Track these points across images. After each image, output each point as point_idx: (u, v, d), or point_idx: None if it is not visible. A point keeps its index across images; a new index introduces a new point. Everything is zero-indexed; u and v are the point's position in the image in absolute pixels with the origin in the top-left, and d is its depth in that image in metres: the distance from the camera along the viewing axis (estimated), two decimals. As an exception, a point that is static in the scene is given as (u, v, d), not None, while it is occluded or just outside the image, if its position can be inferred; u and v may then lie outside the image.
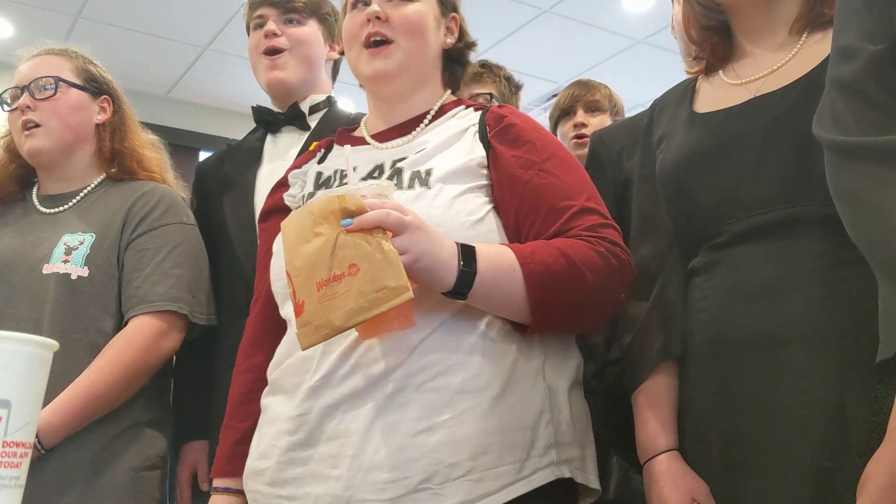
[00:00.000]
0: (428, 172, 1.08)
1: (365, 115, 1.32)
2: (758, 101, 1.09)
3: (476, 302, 0.98)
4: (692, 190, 1.11)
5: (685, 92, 1.23)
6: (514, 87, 2.08)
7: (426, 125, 1.18)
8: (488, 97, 1.94)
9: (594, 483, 1.04)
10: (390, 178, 1.09)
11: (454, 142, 1.13)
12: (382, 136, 1.21)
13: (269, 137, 1.70)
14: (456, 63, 1.26)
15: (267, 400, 1.10)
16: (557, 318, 1.02)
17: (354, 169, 1.15)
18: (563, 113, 2.21)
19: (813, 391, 0.96)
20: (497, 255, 0.98)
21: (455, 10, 1.25)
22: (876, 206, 0.80)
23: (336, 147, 1.28)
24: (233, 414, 1.20)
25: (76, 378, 1.34)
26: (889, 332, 0.79)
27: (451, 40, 1.23)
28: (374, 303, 0.86)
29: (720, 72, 1.19)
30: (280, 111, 1.69)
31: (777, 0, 1.12)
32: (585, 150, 1.90)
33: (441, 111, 1.21)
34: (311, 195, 1.18)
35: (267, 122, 1.70)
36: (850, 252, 0.93)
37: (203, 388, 1.58)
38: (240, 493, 1.14)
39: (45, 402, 1.30)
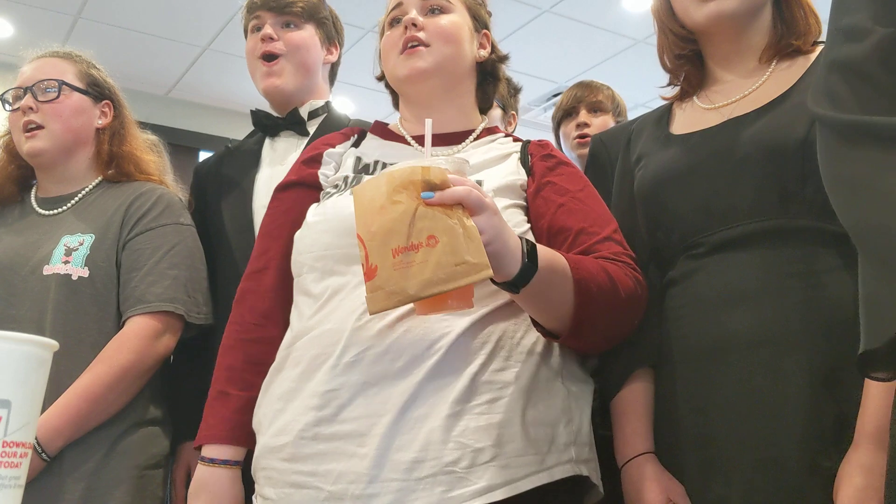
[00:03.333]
0: (479, 183, 1.10)
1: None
2: (732, 123, 1.14)
3: (526, 298, 0.98)
4: (670, 204, 1.15)
5: (661, 115, 1.28)
6: (513, 90, 2.08)
7: (471, 141, 1.23)
8: None
9: (601, 485, 1.07)
10: None
11: (499, 162, 1.18)
12: (424, 141, 1.22)
13: (267, 141, 1.70)
14: (489, 77, 1.30)
15: (281, 374, 1.08)
16: (593, 328, 1.04)
17: (391, 165, 1.17)
18: (565, 114, 2.22)
19: (786, 393, 0.99)
20: (553, 257, 1.00)
21: (486, 27, 1.30)
22: (883, 190, 0.77)
23: (370, 136, 1.29)
24: (233, 381, 1.15)
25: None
26: (875, 320, 0.78)
27: (484, 53, 1.27)
28: (452, 276, 0.85)
29: (694, 97, 1.24)
30: (279, 115, 1.68)
31: (746, 30, 1.17)
32: (587, 150, 1.91)
33: (483, 133, 1.25)
34: (355, 179, 1.17)
35: (265, 126, 1.69)
36: (822, 261, 0.98)
37: (198, 388, 1.58)
38: (238, 464, 1.12)
39: (49, 402, 1.31)
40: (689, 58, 1.23)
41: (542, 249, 0.98)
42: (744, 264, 1.06)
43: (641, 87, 4.61)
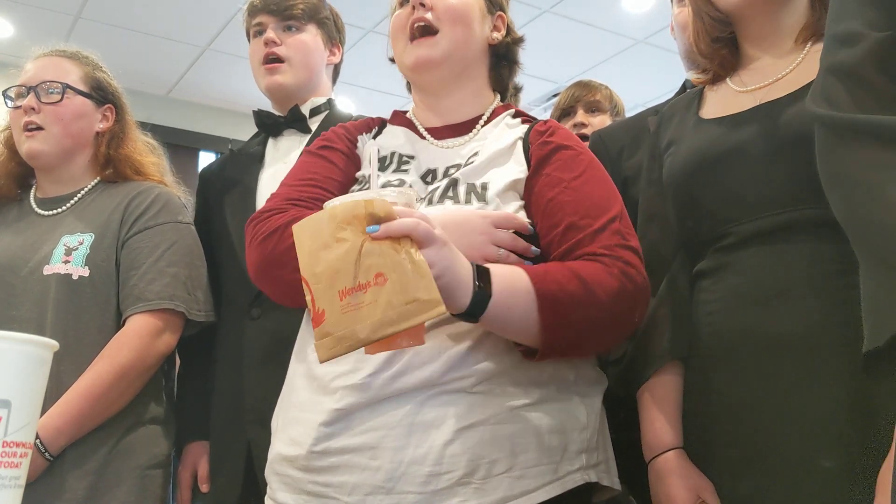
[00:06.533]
0: (484, 187, 1.08)
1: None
2: (764, 108, 1.10)
3: (488, 324, 0.95)
4: (700, 193, 1.12)
5: (692, 100, 1.25)
6: (514, 89, 2.07)
7: (480, 128, 1.19)
8: None
9: (617, 484, 1.06)
10: (446, 188, 1.09)
11: (507, 155, 1.14)
12: (437, 133, 1.21)
13: (270, 141, 1.70)
14: (503, 60, 1.26)
15: (299, 381, 1.08)
16: (569, 341, 1.00)
17: (407, 158, 1.15)
18: (563, 113, 2.21)
19: (820, 394, 0.97)
20: (511, 276, 0.96)
21: (503, 9, 1.26)
22: (874, 186, 0.78)
23: (389, 126, 1.26)
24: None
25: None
26: (876, 320, 0.77)
27: (497, 36, 1.23)
28: (403, 315, 0.81)
29: (727, 79, 1.20)
30: (280, 115, 1.69)
31: (783, 10, 1.14)
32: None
33: (493, 116, 1.21)
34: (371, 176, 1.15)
35: (268, 126, 1.70)
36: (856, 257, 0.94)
37: (206, 388, 1.58)
38: None
39: (50, 402, 1.31)
40: (725, 41, 1.20)
41: (496, 272, 0.94)
42: (777, 260, 1.04)
43: (641, 87, 4.63)
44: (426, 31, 1.16)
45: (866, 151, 0.80)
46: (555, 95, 4.83)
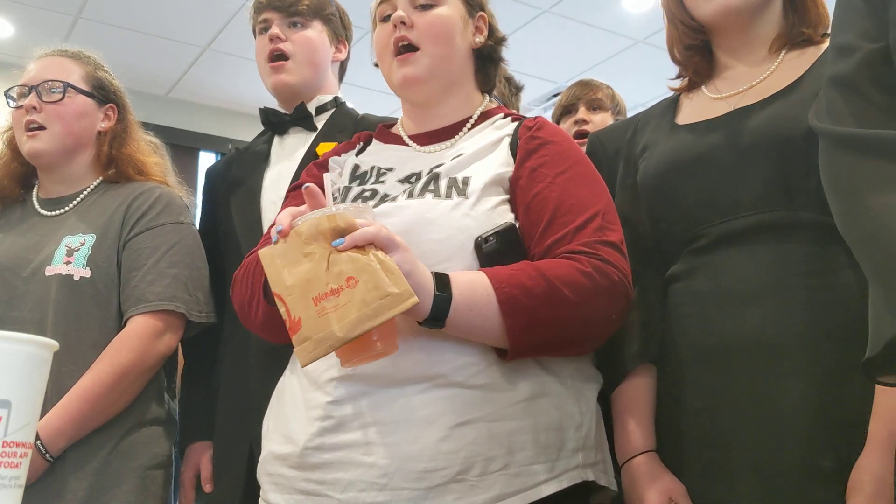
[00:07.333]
0: (465, 181, 1.08)
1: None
2: (737, 113, 1.12)
3: (454, 330, 0.96)
4: (673, 195, 1.14)
5: (668, 107, 1.27)
6: (514, 88, 2.07)
7: (467, 131, 1.20)
8: None
9: (614, 485, 1.06)
10: (427, 182, 1.09)
11: (491, 151, 1.14)
12: (421, 140, 1.22)
13: (276, 139, 1.70)
14: (488, 61, 1.27)
15: (288, 381, 1.09)
16: (537, 342, 0.99)
17: (386, 170, 1.16)
18: (564, 111, 2.22)
19: (794, 394, 0.98)
20: (471, 281, 0.96)
21: (482, 8, 1.26)
22: (869, 201, 0.80)
23: (375, 142, 1.28)
24: None
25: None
26: (874, 330, 0.79)
27: (480, 39, 1.24)
28: (378, 311, 0.85)
29: (703, 87, 1.23)
30: (287, 112, 1.69)
31: (756, 21, 1.16)
32: (585, 148, 1.91)
33: (481, 118, 1.21)
34: (346, 189, 1.17)
35: (274, 124, 1.70)
36: (828, 260, 0.96)
37: (210, 389, 1.58)
38: None
39: (51, 403, 1.31)
40: (698, 48, 1.22)
41: (456, 277, 0.95)
42: (747, 262, 1.05)
43: (641, 87, 4.63)
44: (408, 48, 1.17)
45: (863, 164, 0.82)
46: (555, 95, 4.83)
